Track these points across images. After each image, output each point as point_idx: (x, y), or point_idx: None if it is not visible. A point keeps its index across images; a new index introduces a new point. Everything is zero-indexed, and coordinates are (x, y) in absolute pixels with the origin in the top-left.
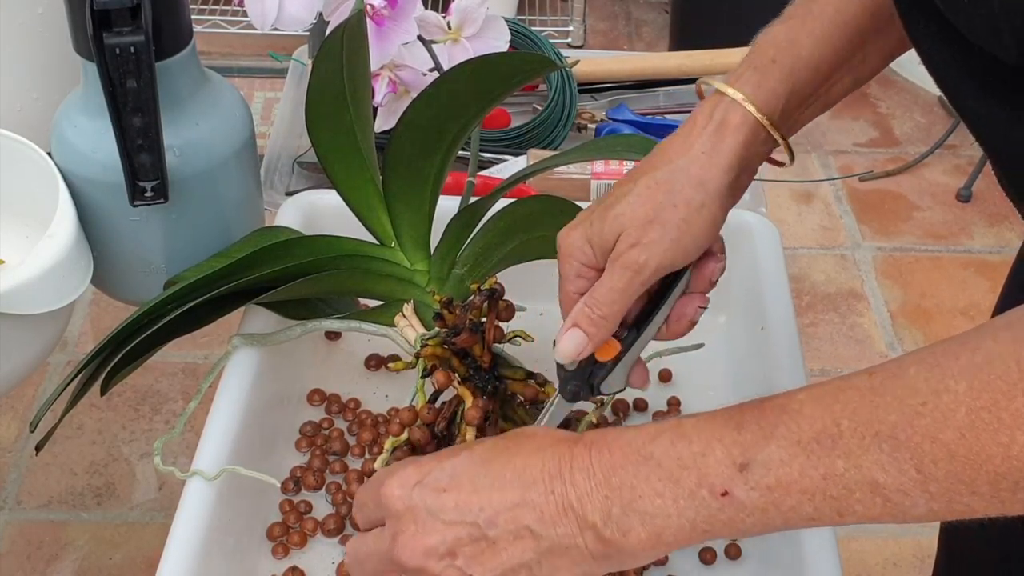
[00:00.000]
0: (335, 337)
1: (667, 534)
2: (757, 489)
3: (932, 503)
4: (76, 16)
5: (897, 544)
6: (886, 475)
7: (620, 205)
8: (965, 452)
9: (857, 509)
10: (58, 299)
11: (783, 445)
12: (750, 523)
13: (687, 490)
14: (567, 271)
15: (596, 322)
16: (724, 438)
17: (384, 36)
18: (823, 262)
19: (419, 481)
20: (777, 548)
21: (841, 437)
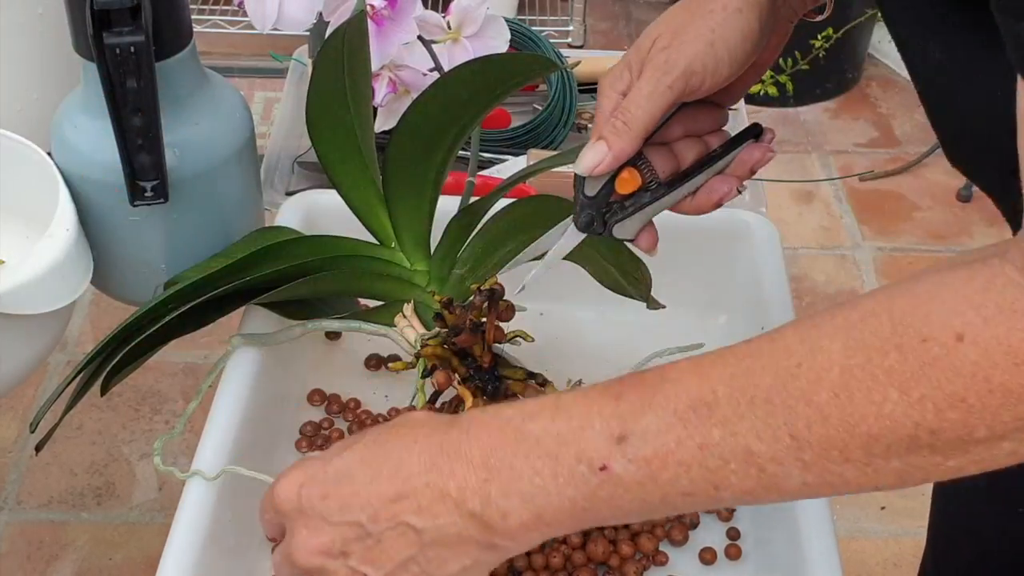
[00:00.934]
0: (335, 337)
1: (547, 514)
2: (635, 462)
3: (806, 474)
4: (76, 16)
5: (897, 544)
6: (760, 442)
7: (659, 20)
8: (839, 413)
9: (732, 481)
10: (58, 299)
11: (660, 415)
12: (628, 500)
13: (566, 466)
14: (605, 105)
15: (619, 129)
16: (603, 410)
17: (384, 36)
18: (823, 262)
19: (303, 483)
20: (777, 548)
21: (717, 404)
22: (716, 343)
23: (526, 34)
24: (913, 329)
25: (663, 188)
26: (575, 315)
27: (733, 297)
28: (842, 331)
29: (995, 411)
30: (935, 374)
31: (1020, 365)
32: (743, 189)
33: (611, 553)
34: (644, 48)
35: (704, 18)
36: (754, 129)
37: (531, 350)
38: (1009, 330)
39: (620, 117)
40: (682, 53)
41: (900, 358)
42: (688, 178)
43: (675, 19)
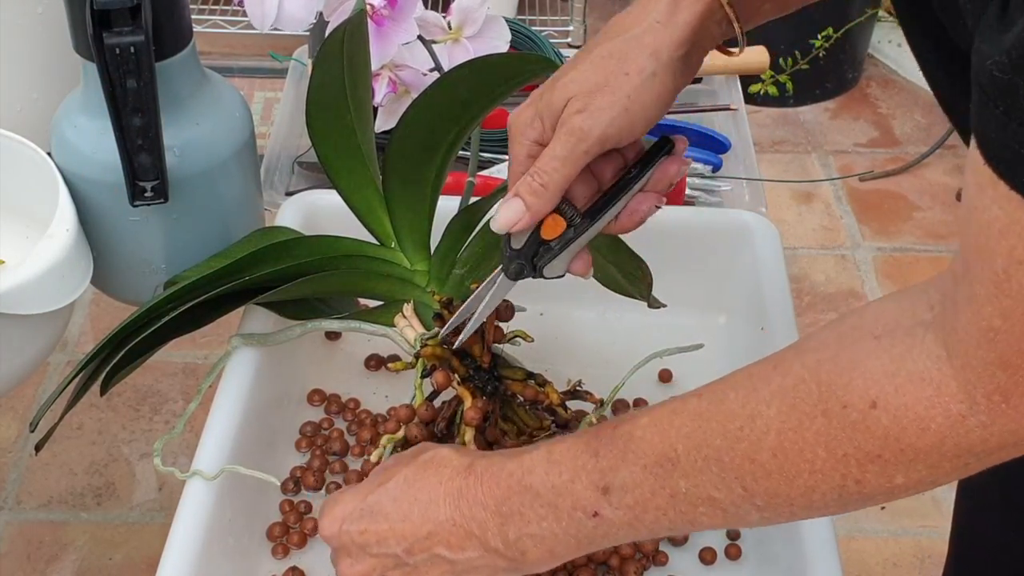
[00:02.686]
0: (335, 337)
1: (558, 550)
2: (620, 508)
3: (763, 512)
4: (76, 16)
5: (897, 544)
6: (719, 492)
7: (571, 74)
8: (778, 470)
9: (703, 520)
10: (58, 299)
11: (633, 470)
12: (622, 535)
13: (565, 513)
14: (518, 152)
15: (536, 191)
16: (586, 465)
17: (384, 36)
18: (823, 262)
19: (343, 519)
20: (777, 548)
21: (679, 460)
22: (716, 343)
23: (526, 34)
24: (835, 396)
25: (586, 221)
26: (575, 315)
27: (733, 297)
28: (777, 397)
29: (908, 465)
30: (855, 436)
31: (926, 430)
32: (662, 203)
33: (611, 553)
34: (556, 105)
35: (619, 81)
36: (665, 144)
37: (531, 350)
38: (917, 399)
39: (538, 179)
40: (597, 121)
41: (826, 422)
42: (609, 205)
43: (588, 78)
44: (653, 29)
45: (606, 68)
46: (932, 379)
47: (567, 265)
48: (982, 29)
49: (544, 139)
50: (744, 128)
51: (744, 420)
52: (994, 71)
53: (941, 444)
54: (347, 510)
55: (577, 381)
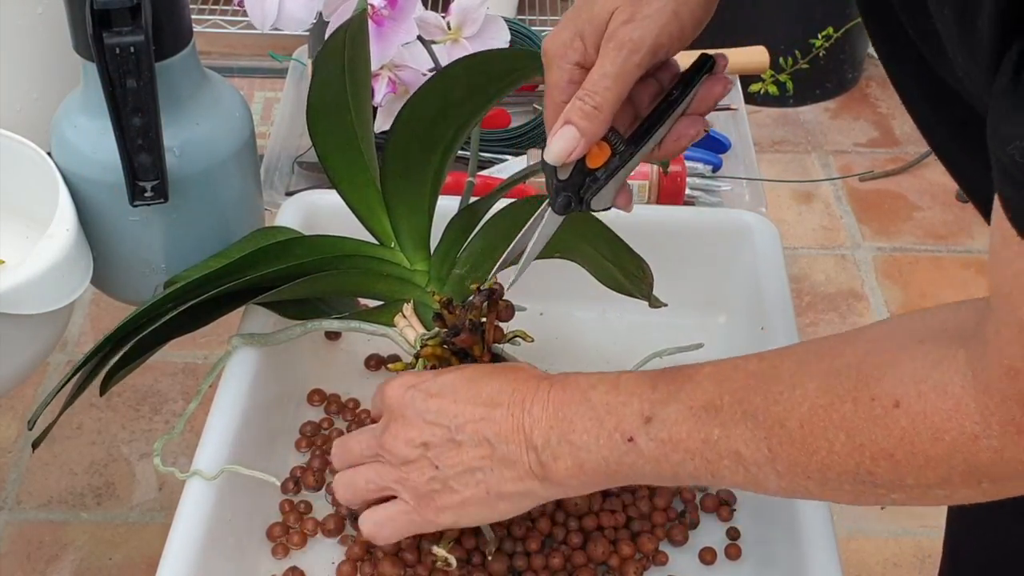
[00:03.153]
0: (335, 337)
1: (588, 466)
2: (654, 441)
3: (780, 480)
4: (76, 16)
5: (897, 544)
6: (747, 448)
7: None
8: (801, 440)
9: (725, 475)
10: (58, 299)
11: (680, 408)
12: (647, 469)
13: (607, 431)
14: (557, 78)
15: (589, 114)
16: (642, 394)
17: (384, 36)
18: (823, 262)
19: (414, 385)
20: (777, 548)
21: (722, 410)
22: (716, 343)
23: (526, 34)
24: (868, 388)
25: (631, 147)
26: (575, 315)
27: (733, 297)
28: (820, 375)
29: (919, 469)
30: (874, 430)
31: (939, 439)
32: (709, 128)
33: (611, 553)
34: (600, 18)
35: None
36: (705, 61)
37: (531, 350)
38: (936, 408)
39: (590, 100)
40: (647, 28)
41: (853, 409)
42: (653, 130)
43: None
44: None
45: None
46: (954, 394)
47: (614, 196)
48: (995, 99)
49: (587, 60)
50: (744, 128)
51: (786, 387)
52: (1016, 156)
53: (951, 457)
54: (421, 379)
55: None
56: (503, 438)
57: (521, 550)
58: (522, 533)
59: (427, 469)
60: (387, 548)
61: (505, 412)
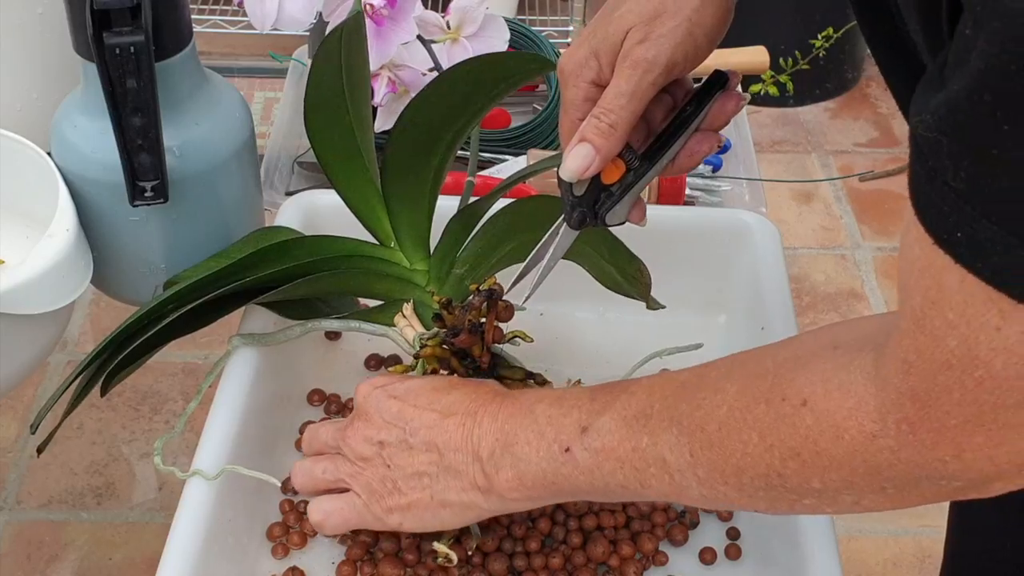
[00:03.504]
0: (335, 337)
1: (527, 478)
2: (589, 451)
3: (701, 488)
4: (76, 16)
5: (897, 544)
6: (671, 454)
7: (626, 5)
8: (719, 443)
9: (653, 483)
10: (58, 299)
11: (614, 417)
12: (582, 481)
13: (546, 443)
14: (572, 95)
15: (605, 132)
16: (581, 405)
17: (383, 36)
18: (823, 262)
19: (382, 385)
20: (777, 548)
21: (651, 418)
22: (716, 343)
23: (526, 34)
24: (780, 388)
25: (645, 164)
26: (574, 315)
27: (733, 297)
28: (741, 379)
29: (823, 470)
30: (782, 428)
31: (841, 438)
32: (722, 143)
33: (611, 553)
34: (614, 38)
35: (677, 5)
36: (718, 78)
37: (530, 350)
38: (839, 407)
39: (605, 119)
40: (662, 48)
41: (766, 410)
42: (667, 146)
43: (644, 6)
44: None
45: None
46: (856, 393)
47: (628, 212)
48: (922, 83)
49: (602, 78)
50: (744, 128)
51: (709, 392)
52: (919, 129)
53: (852, 457)
54: (388, 380)
55: (577, 381)
56: (452, 447)
57: (521, 550)
58: (522, 533)
59: (380, 468)
60: (387, 548)
61: (457, 421)
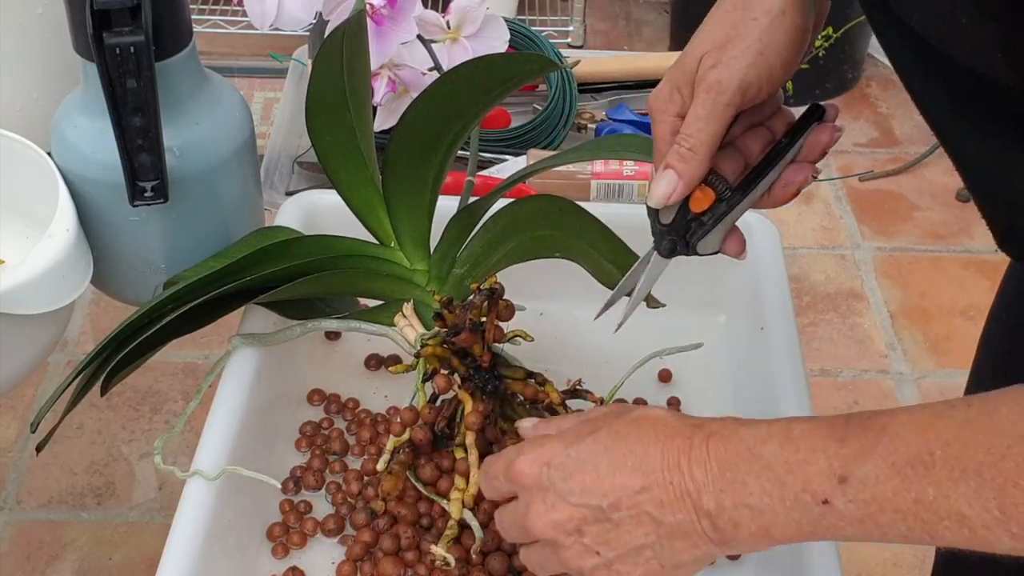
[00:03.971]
0: (335, 337)
1: (775, 530)
2: (855, 502)
3: (1015, 541)
4: (76, 16)
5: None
6: (971, 509)
7: (699, 35)
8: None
9: (946, 536)
10: (58, 299)
11: (880, 465)
12: (850, 531)
13: (792, 492)
14: (662, 131)
15: (685, 156)
16: (827, 449)
17: (383, 35)
18: (823, 262)
19: (547, 462)
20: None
21: (934, 466)
22: (715, 343)
23: (526, 34)
24: None
25: (738, 195)
26: (575, 315)
27: (733, 297)
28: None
29: None
30: None
31: None
32: (818, 174)
33: None
34: (690, 68)
35: (748, 27)
36: (817, 110)
37: (531, 350)
38: None
39: (684, 143)
40: (733, 69)
41: None
42: (760, 177)
43: (717, 32)
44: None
45: (732, 19)
46: None
47: (721, 241)
48: None
49: (685, 110)
50: None
51: (1014, 439)
52: None
53: None
54: (553, 453)
55: (577, 380)
56: (667, 509)
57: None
58: None
59: (587, 556)
60: (387, 548)
61: (662, 479)
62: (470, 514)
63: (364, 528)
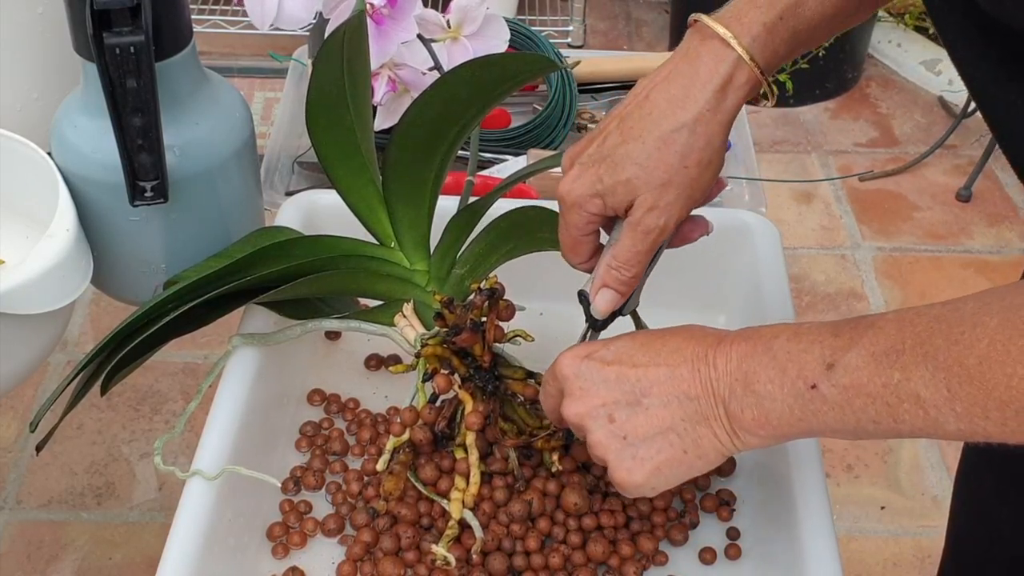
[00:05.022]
0: (335, 337)
1: (772, 416)
2: (836, 387)
3: (959, 422)
4: (76, 16)
5: (897, 544)
6: (926, 390)
7: (629, 165)
8: (980, 377)
9: (906, 418)
10: (58, 299)
11: (862, 354)
12: (831, 417)
13: (790, 379)
14: (576, 220)
15: (627, 282)
16: (823, 341)
17: (384, 35)
18: (823, 262)
19: (587, 355)
20: (777, 548)
21: (903, 354)
22: None
23: (526, 34)
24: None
25: (649, 267)
26: (575, 315)
27: (733, 297)
28: (1003, 311)
29: None
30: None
31: None
32: (710, 228)
33: (611, 553)
34: (622, 198)
35: (681, 176)
36: None
37: (531, 349)
38: None
39: (626, 273)
40: (670, 215)
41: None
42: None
43: (652, 176)
44: (704, 119)
45: (666, 162)
46: None
47: (639, 297)
48: None
49: (604, 213)
50: (744, 128)
51: (968, 327)
52: None
53: None
54: (592, 348)
55: None
56: (692, 395)
57: (521, 549)
58: (521, 532)
59: (613, 440)
60: (387, 548)
61: (690, 369)
62: (470, 514)
63: (364, 528)
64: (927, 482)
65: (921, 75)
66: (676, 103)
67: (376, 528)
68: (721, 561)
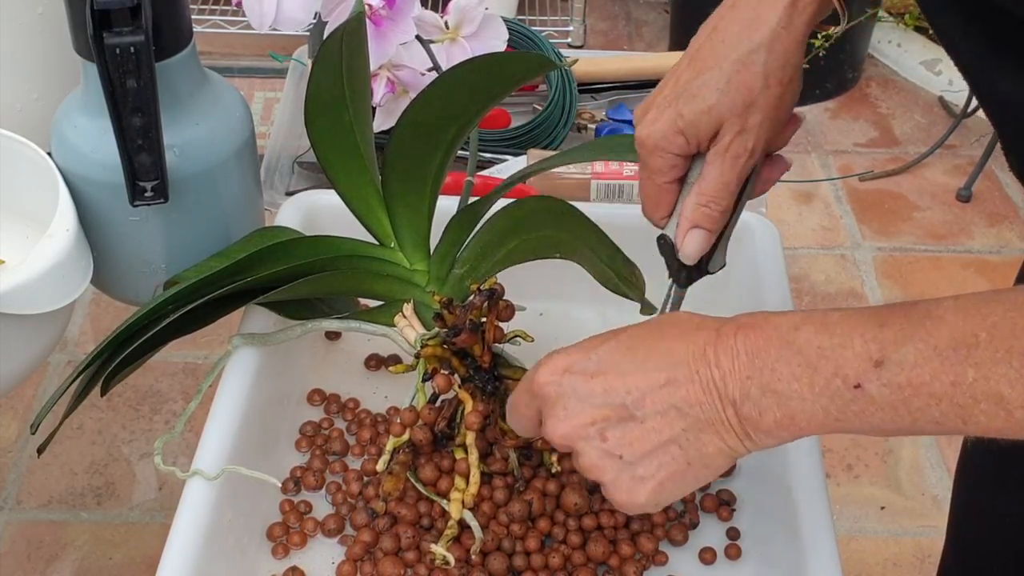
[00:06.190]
0: (335, 337)
1: (800, 418)
2: (889, 386)
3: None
4: (76, 16)
5: (897, 544)
6: (1011, 390)
7: (710, 93)
8: None
9: (980, 420)
10: (58, 299)
11: (920, 348)
12: (879, 418)
13: (823, 378)
14: (659, 164)
15: (716, 218)
16: (865, 333)
17: (382, 36)
18: (823, 262)
19: (567, 368)
20: (777, 548)
21: (977, 347)
22: None
23: (526, 34)
24: None
25: (734, 215)
26: (574, 315)
27: (733, 297)
28: None
29: None
30: None
31: None
32: (790, 164)
33: (611, 553)
34: (707, 126)
35: (764, 97)
36: None
37: (531, 350)
38: None
39: (716, 207)
40: (758, 137)
41: None
42: (745, 188)
43: (734, 99)
44: (780, 36)
45: (747, 84)
46: None
47: (725, 255)
48: None
49: (688, 152)
50: None
51: None
52: None
53: None
54: (572, 360)
55: None
56: (694, 401)
57: (521, 549)
58: (521, 532)
59: (607, 461)
60: (387, 548)
61: (688, 372)
62: (470, 514)
63: (364, 528)
64: (927, 482)
65: (921, 75)
66: (748, 25)
67: (376, 528)
68: (721, 561)
